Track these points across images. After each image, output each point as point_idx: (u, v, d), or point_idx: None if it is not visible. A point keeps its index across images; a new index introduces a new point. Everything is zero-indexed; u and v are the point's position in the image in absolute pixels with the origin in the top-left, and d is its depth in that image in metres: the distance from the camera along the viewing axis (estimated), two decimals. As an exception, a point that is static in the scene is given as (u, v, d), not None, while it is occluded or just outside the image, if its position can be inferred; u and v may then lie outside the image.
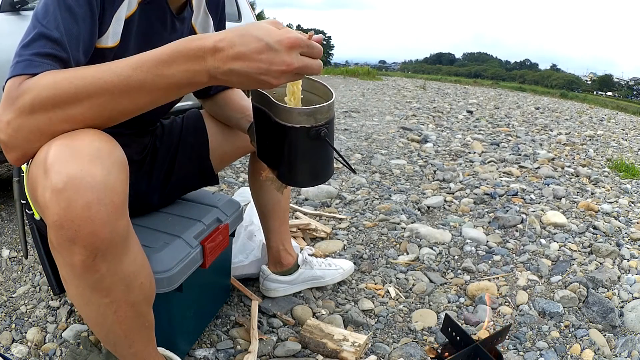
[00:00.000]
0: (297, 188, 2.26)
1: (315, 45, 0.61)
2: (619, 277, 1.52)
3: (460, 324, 1.13)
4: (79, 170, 0.54)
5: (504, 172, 2.82)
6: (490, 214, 2.06)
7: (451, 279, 1.50)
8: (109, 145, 0.58)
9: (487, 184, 2.53)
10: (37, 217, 0.84)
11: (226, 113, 1.10)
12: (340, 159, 0.77)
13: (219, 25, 1.02)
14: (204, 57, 0.57)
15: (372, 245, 1.72)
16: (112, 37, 0.73)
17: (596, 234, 1.88)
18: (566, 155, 3.44)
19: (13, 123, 0.56)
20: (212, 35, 0.58)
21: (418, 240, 1.76)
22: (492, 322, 1.25)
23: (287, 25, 0.63)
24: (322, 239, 1.74)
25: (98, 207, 0.54)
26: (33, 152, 0.58)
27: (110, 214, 0.56)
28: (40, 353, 1.07)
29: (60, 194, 0.53)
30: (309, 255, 1.36)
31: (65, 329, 1.13)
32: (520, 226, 1.92)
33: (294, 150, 0.77)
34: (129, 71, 0.57)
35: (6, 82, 0.57)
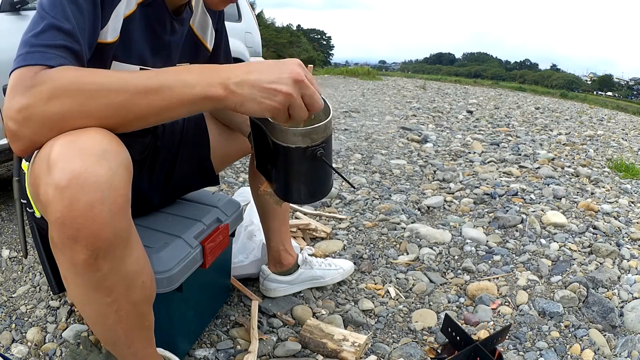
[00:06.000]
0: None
1: (317, 87, 0.65)
2: (619, 277, 1.52)
3: (460, 324, 1.13)
4: (84, 168, 0.53)
5: (504, 172, 2.82)
6: (490, 214, 2.06)
7: (451, 279, 1.50)
8: (115, 145, 0.58)
9: (487, 184, 2.53)
10: (37, 215, 0.84)
11: (228, 116, 1.10)
12: (340, 176, 0.77)
13: (218, 23, 1.02)
14: (219, 69, 0.62)
15: (372, 245, 1.72)
16: (111, 32, 0.73)
17: (596, 234, 1.88)
18: (566, 155, 3.44)
19: (25, 111, 0.55)
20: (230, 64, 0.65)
21: (418, 240, 1.76)
22: (492, 322, 1.25)
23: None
24: (322, 239, 1.74)
25: (101, 206, 0.54)
26: (39, 144, 0.58)
27: (113, 215, 0.56)
28: (40, 353, 1.07)
29: (63, 191, 0.53)
30: (309, 255, 1.36)
31: (65, 329, 1.13)
32: (520, 226, 1.92)
33: (290, 170, 0.76)
34: (150, 74, 0.60)
35: (15, 70, 0.57)
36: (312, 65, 0.68)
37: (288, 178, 0.78)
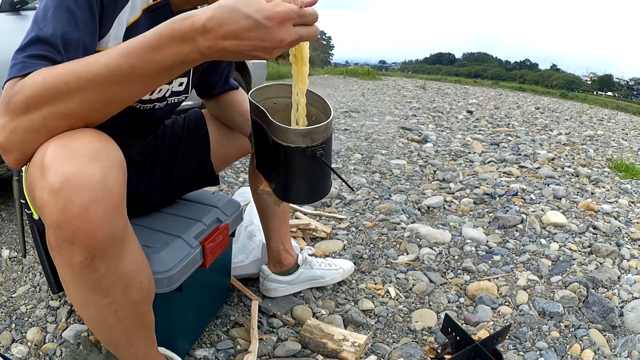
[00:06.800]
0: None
1: (308, 13, 0.58)
2: (619, 277, 1.52)
3: (460, 324, 1.13)
4: (77, 170, 0.53)
5: (504, 172, 2.82)
6: (490, 214, 2.06)
7: (451, 279, 1.49)
8: (107, 145, 0.58)
9: (487, 184, 2.53)
10: (35, 216, 0.84)
11: (229, 116, 1.10)
12: (338, 177, 0.76)
13: None
14: (194, 38, 0.55)
15: (372, 245, 1.72)
16: (113, 40, 0.73)
17: (596, 234, 1.88)
18: (566, 155, 3.44)
19: (9, 125, 0.56)
20: (200, 13, 0.55)
21: (418, 240, 1.75)
22: (492, 322, 1.25)
23: None
24: (322, 239, 1.74)
25: (95, 207, 0.54)
26: (31, 153, 0.58)
27: (108, 215, 0.56)
28: (40, 353, 1.07)
29: (57, 194, 0.53)
30: (309, 255, 1.36)
31: (65, 329, 1.13)
32: (520, 226, 1.92)
33: (289, 169, 0.76)
34: (118, 60, 0.56)
35: (3, 85, 0.57)
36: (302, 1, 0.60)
37: (287, 178, 0.78)
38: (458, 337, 1.06)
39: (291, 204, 1.93)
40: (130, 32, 0.75)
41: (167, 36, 0.55)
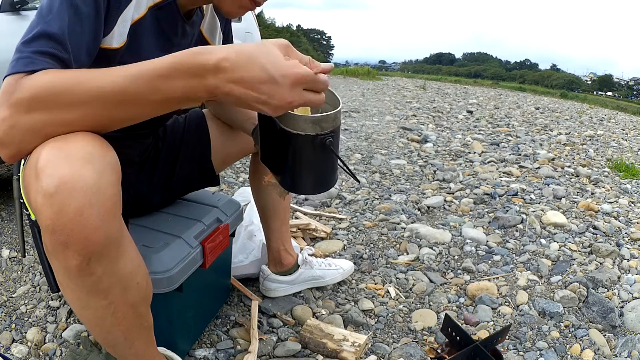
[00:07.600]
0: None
1: (321, 80, 0.59)
2: (619, 277, 1.52)
3: (460, 324, 1.13)
4: (71, 173, 0.53)
5: (504, 172, 2.82)
6: (490, 214, 2.06)
7: (451, 279, 1.50)
8: (101, 148, 0.58)
9: (487, 184, 2.53)
10: (33, 217, 0.84)
11: (230, 115, 1.10)
12: (344, 168, 0.76)
13: (226, 26, 1.02)
14: (204, 76, 0.56)
15: (372, 245, 1.72)
16: (117, 38, 0.72)
17: (596, 234, 1.88)
18: (566, 155, 3.44)
19: (9, 120, 0.55)
20: (217, 52, 0.56)
21: (418, 240, 1.76)
22: (492, 322, 1.25)
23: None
24: (322, 239, 1.74)
25: (90, 211, 0.54)
26: (27, 151, 0.58)
27: (103, 218, 0.56)
28: (40, 353, 1.07)
29: (51, 197, 0.53)
30: (309, 255, 1.36)
31: (65, 329, 1.13)
32: (520, 226, 1.92)
33: (298, 158, 0.75)
34: (127, 82, 0.56)
35: (5, 77, 0.57)
36: (320, 68, 0.63)
37: (294, 167, 0.78)
38: (458, 337, 1.06)
39: (292, 205, 1.93)
40: (136, 29, 0.75)
41: (178, 66, 0.56)
